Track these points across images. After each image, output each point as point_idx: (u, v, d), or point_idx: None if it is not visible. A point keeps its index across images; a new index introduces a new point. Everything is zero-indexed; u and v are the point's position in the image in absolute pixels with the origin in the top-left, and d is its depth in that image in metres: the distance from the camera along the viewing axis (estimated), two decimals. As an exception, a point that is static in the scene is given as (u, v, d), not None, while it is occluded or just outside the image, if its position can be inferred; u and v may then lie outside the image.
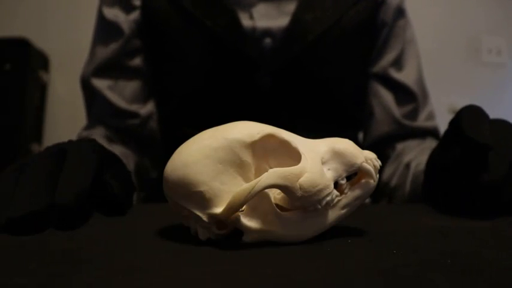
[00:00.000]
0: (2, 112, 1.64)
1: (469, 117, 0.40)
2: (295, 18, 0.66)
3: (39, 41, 1.78)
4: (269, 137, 0.29)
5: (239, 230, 0.28)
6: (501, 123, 0.42)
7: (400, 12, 0.74)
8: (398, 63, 0.73)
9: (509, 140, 0.40)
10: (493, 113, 0.43)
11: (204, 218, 0.27)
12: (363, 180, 0.31)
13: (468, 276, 0.22)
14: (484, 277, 0.22)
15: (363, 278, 0.22)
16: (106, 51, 0.69)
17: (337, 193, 0.30)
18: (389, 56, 0.73)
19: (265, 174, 0.27)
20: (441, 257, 0.25)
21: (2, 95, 1.65)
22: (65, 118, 1.76)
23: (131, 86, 0.69)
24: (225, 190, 0.27)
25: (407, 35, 0.74)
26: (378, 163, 0.32)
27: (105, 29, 0.70)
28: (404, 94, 0.71)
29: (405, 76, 0.72)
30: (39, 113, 1.81)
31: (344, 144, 0.31)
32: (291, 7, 0.67)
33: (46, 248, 0.27)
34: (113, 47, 0.69)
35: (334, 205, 0.30)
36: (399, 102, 0.71)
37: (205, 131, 0.30)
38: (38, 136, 1.79)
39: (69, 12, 1.83)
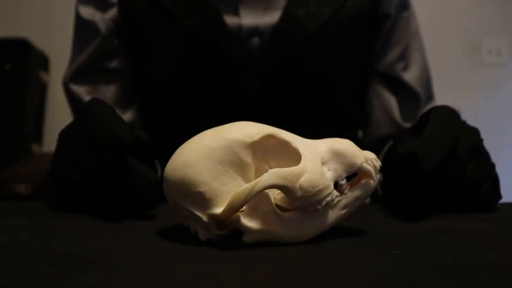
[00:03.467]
0: (2, 112, 1.64)
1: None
2: (286, 14, 0.60)
3: (39, 41, 1.78)
4: (269, 137, 0.29)
5: (239, 230, 0.28)
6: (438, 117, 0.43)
7: (405, 3, 0.69)
8: (404, 59, 0.68)
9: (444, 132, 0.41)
10: (493, 113, 0.43)
11: (204, 218, 0.27)
12: (363, 181, 0.31)
13: (468, 276, 0.22)
14: (484, 277, 0.22)
15: (362, 278, 0.22)
16: (83, 54, 0.66)
17: (337, 193, 0.30)
18: (395, 52, 0.68)
19: (265, 174, 0.27)
20: (441, 257, 0.25)
21: (2, 95, 1.66)
22: (65, 118, 1.75)
23: (111, 90, 0.66)
24: (225, 190, 0.27)
25: (412, 28, 0.69)
26: (378, 163, 0.32)
27: (81, 30, 0.67)
28: (408, 97, 0.68)
29: (410, 75, 0.68)
30: (39, 113, 1.81)
31: (344, 145, 0.31)
32: (281, 2, 0.62)
33: (46, 248, 0.27)
34: (90, 49, 0.65)
35: (334, 205, 0.30)
36: (402, 106, 0.68)
37: (205, 131, 0.30)
38: (38, 136, 1.79)
39: (69, 12, 1.82)
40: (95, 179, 0.38)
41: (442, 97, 0.75)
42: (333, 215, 0.30)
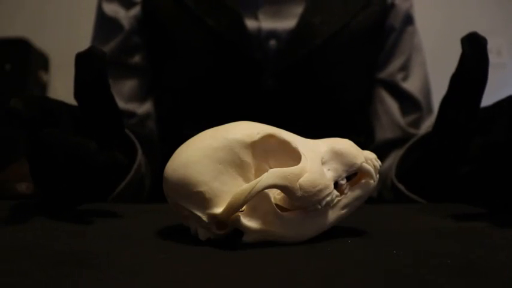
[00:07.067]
0: (2, 112, 1.64)
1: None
2: (303, 20, 0.65)
3: (39, 41, 1.78)
4: (269, 137, 0.29)
5: (239, 230, 0.28)
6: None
7: (409, 19, 0.73)
8: (405, 70, 0.72)
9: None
10: (493, 113, 0.43)
11: (204, 218, 0.27)
12: (363, 181, 0.31)
13: (468, 276, 0.22)
14: (484, 277, 0.22)
15: (363, 278, 0.22)
16: (105, 49, 0.67)
17: (337, 193, 0.30)
18: (397, 62, 0.72)
19: (265, 174, 0.27)
20: (441, 257, 0.25)
21: (2, 95, 1.66)
22: (65, 118, 1.76)
23: (129, 84, 0.68)
24: (225, 190, 0.27)
25: (415, 42, 0.74)
26: (378, 163, 0.32)
27: (104, 26, 0.69)
28: (409, 103, 0.71)
29: (411, 85, 0.71)
30: (39, 113, 1.81)
31: (344, 144, 0.31)
32: (298, 9, 0.66)
33: (46, 248, 0.27)
34: (113, 44, 0.67)
35: (334, 205, 0.30)
36: (404, 111, 0.71)
37: (205, 131, 0.30)
38: (38, 136, 1.79)
39: (69, 12, 1.83)
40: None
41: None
42: (333, 215, 0.30)
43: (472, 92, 0.41)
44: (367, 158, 0.31)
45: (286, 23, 0.65)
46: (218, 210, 0.27)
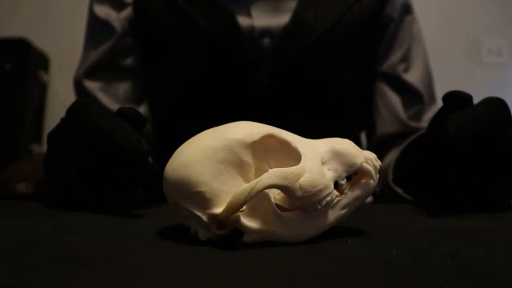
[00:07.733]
0: (2, 112, 1.64)
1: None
2: (296, 16, 0.63)
3: (39, 41, 1.78)
4: (269, 137, 0.29)
5: (239, 230, 0.28)
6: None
7: (408, 8, 0.72)
8: (406, 61, 0.71)
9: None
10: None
11: (204, 218, 0.27)
12: (363, 181, 0.31)
13: (468, 276, 0.22)
14: (483, 277, 0.22)
15: (363, 278, 0.22)
16: (98, 52, 0.67)
17: (337, 193, 0.30)
18: (397, 54, 0.71)
19: (265, 174, 0.27)
20: (441, 257, 0.25)
21: (2, 95, 1.66)
22: (65, 118, 1.76)
23: (124, 87, 0.67)
24: (225, 190, 0.27)
25: (415, 32, 0.72)
26: (378, 163, 0.32)
27: (96, 28, 0.68)
28: (411, 96, 0.70)
29: (412, 76, 0.70)
30: (39, 113, 1.81)
31: (344, 145, 0.31)
32: (291, 5, 0.65)
33: (46, 248, 0.27)
34: (105, 47, 0.67)
35: (334, 205, 0.30)
36: (406, 104, 0.70)
37: (205, 131, 0.30)
38: (38, 136, 1.79)
39: (69, 12, 1.83)
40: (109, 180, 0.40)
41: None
42: (333, 215, 0.30)
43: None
44: (367, 158, 0.31)
45: (280, 19, 0.64)
46: (218, 210, 0.27)
